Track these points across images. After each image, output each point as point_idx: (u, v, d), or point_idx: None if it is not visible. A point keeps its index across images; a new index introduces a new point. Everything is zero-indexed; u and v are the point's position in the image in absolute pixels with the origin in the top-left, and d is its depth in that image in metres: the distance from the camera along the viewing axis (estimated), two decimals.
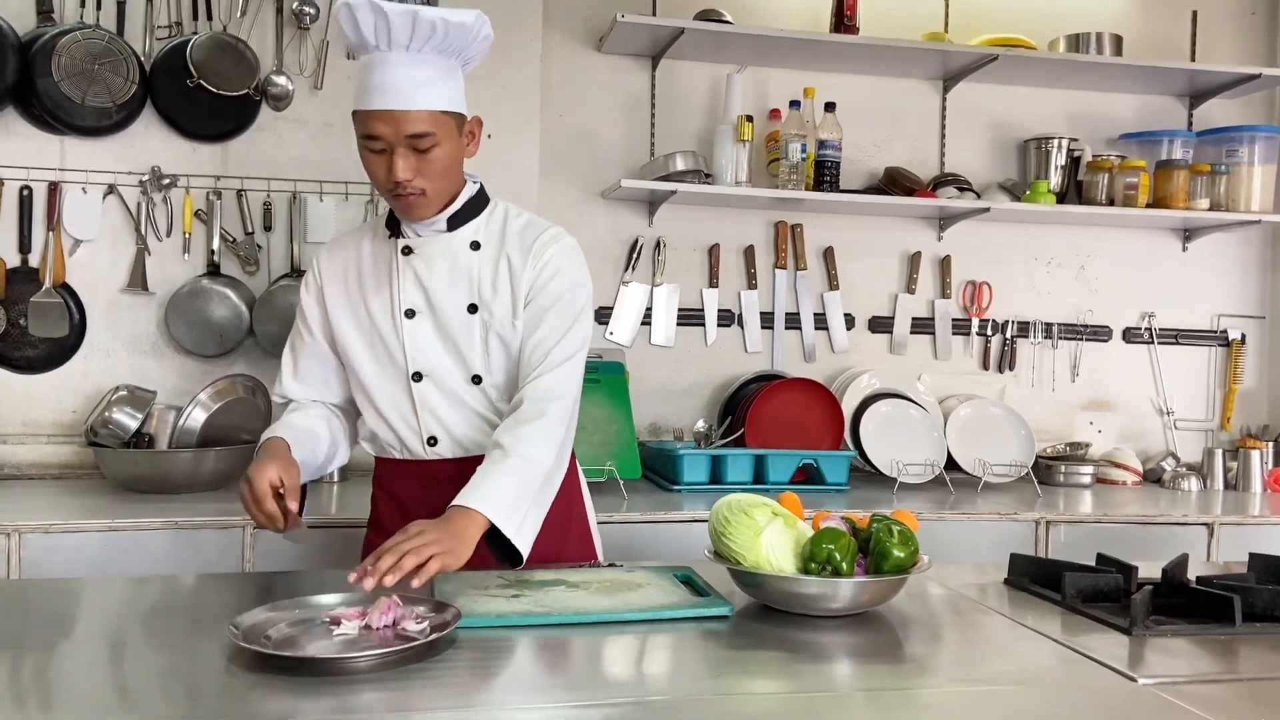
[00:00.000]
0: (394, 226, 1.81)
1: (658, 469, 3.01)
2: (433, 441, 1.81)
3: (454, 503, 1.61)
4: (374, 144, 1.67)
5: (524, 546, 1.65)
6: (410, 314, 1.78)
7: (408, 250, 1.79)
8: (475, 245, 1.79)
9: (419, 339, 1.78)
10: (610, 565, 1.73)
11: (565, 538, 1.89)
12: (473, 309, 1.77)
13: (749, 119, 3.05)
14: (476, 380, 1.79)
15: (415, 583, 1.45)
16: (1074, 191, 3.33)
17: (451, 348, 1.78)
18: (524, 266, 1.77)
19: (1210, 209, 3.29)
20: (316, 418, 1.87)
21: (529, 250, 1.78)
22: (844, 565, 1.44)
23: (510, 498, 1.63)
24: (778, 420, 2.96)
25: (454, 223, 1.79)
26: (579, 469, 2.00)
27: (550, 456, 1.71)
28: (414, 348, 1.78)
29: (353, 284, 1.83)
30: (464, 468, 1.71)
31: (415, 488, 1.81)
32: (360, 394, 1.86)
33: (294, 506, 1.64)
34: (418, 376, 1.78)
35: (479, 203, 1.83)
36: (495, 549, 1.64)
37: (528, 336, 1.77)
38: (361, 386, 1.84)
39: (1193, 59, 3.46)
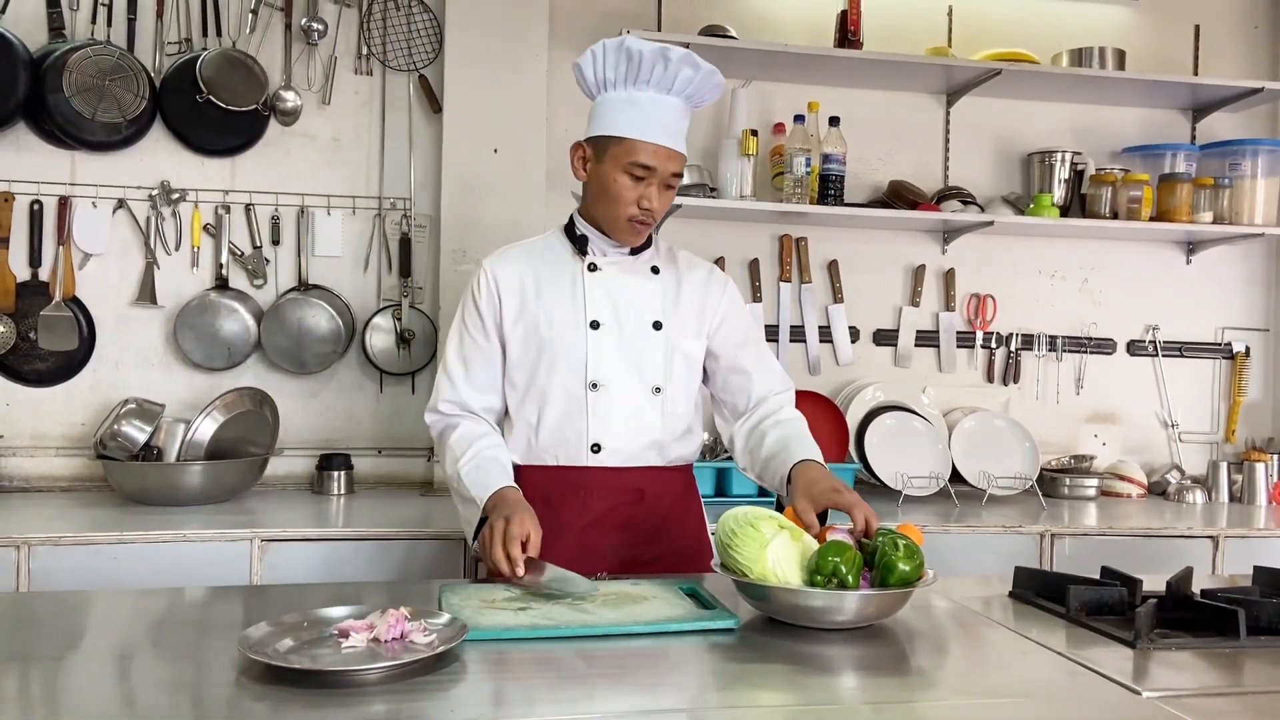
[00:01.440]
0: (579, 245, 1.93)
1: None
2: (596, 449, 1.88)
3: (806, 457, 1.83)
4: (641, 172, 1.82)
5: None
6: (595, 325, 1.89)
7: (593, 267, 1.91)
8: (655, 270, 1.96)
9: (601, 350, 1.89)
10: (616, 578, 1.74)
11: (703, 535, 2.02)
12: (657, 326, 1.92)
13: (753, 133, 3.06)
14: (658, 391, 1.91)
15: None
16: (1077, 205, 3.34)
17: (634, 360, 1.90)
18: (705, 297, 1.98)
19: (1214, 222, 3.29)
20: (499, 446, 1.92)
21: (708, 284, 2.01)
22: (849, 578, 1.44)
23: None
24: None
25: (635, 249, 1.94)
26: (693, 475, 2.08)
27: None
28: (596, 356, 1.89)
29: (530, 294, 1.91)
30: (616, 477, 1.89)
31: (563, 493, 1.89)
32: (527, 400, 1.92)
33: (535, 554, 1.68)
34: (594, 385, 1.87)
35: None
36: None
37: (743, 357, 2.00)
38: (532, 392, 1.91)
39: (1195, 73, 3.47)
